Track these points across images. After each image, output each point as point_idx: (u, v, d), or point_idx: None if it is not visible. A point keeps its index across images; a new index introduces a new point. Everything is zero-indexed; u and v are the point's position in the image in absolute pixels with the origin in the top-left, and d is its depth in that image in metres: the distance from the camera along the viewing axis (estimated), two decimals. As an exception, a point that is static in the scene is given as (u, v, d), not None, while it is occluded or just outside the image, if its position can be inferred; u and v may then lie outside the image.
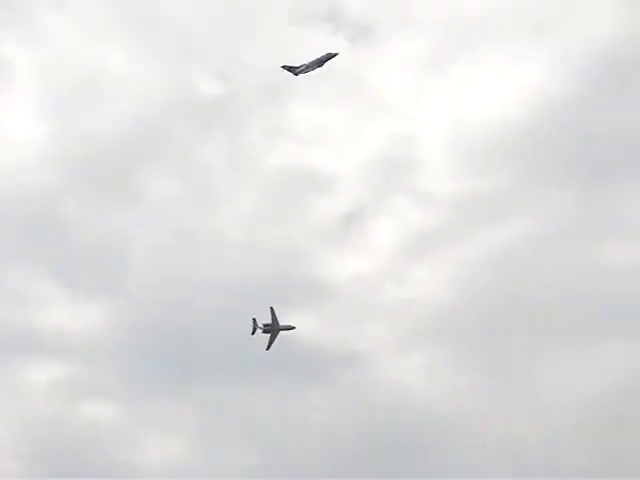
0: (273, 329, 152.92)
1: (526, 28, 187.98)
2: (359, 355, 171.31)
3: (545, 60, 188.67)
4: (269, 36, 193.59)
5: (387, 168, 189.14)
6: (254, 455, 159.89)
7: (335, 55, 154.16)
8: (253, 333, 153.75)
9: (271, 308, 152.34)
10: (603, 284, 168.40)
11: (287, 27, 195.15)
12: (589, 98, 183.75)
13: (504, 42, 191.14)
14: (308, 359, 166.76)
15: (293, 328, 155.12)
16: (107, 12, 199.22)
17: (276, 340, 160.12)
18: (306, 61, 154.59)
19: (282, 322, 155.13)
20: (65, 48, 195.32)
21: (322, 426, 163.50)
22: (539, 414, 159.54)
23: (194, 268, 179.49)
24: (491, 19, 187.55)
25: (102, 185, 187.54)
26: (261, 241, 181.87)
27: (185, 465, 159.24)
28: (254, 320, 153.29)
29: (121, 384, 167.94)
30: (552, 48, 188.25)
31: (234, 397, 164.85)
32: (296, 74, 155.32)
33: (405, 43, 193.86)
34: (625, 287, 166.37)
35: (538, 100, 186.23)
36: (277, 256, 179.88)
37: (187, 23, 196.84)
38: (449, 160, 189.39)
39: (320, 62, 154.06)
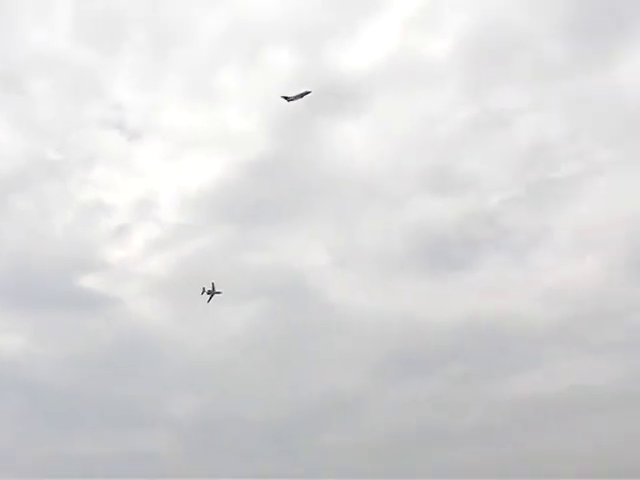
0: (212, 292, 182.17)
1: (217, 142, 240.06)
2: (119, 299, 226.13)
3: (219, 165, 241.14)
4: (86, 131, 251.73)
5: (144, 205, 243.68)
6: (61, 349, 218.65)
7: (309, 92, 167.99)
8: (202, 294, 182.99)
9: (212, 283, 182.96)
10: (244, 273, 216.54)
11: (98, 128, 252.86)
12: (251, 182, 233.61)
13: (205, 149, 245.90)
14: (93, 301, 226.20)
15: (221, 293, 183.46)
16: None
17: (78, 289, 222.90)
18: (295, 94, 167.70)
19: (210, 288, 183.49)
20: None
21: (95, 336, 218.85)
22: (211, 334, 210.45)
23: (37, 250, 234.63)
24: (201, 135, 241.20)
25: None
26: (76, 238, 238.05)
27: (25, 351, 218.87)
28: (203, 288, 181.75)
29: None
30: (225, 156, 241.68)
31: (53, 317, 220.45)
32: (289, 101, 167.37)
33: (157, 142, 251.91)
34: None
35: (221, 179, 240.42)
36: (84, 246, 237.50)
37: (44, 120, 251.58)
38: (175, 205, 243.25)
39: (301, 95, 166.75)
